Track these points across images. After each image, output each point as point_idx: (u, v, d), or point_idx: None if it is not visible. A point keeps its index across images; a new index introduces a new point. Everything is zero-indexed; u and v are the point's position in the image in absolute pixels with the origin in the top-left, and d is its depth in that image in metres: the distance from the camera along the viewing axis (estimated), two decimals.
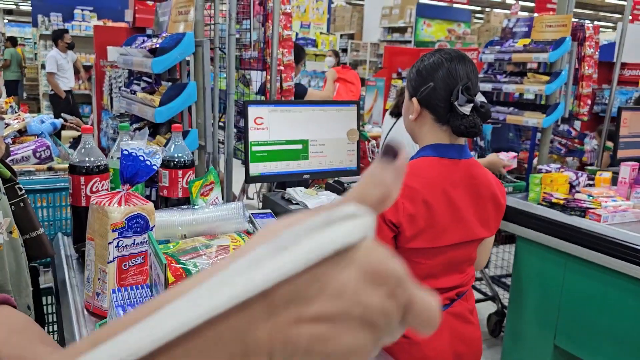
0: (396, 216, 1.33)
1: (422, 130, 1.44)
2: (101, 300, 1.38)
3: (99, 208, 1.34)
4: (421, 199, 1.34)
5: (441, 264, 1.43)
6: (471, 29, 12.27)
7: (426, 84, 1.38)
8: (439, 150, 1.40)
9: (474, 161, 1.46)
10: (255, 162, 2.20)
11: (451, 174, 1.40)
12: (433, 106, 1.38)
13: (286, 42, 2.92)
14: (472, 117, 1.34)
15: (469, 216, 1.42)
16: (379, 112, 5.46)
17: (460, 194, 1.40)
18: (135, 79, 2.66)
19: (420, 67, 1.41)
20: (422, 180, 1.36)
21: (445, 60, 1.37)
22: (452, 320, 1.46)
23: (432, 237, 1.38)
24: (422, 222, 1.35)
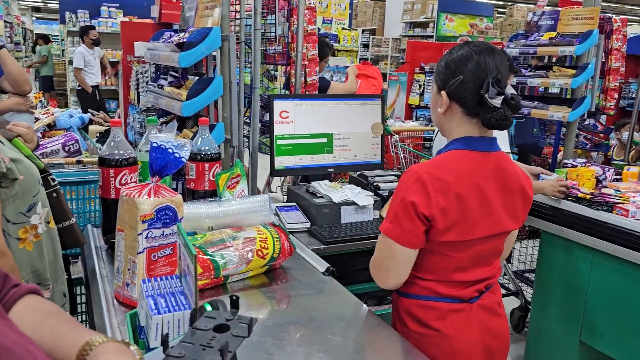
0: (429, 209, 1.33)
1: (451, 123, 1.44)
2: (131, 290, 1.41)
3: (129, 200, 1.37)
4: (453, 192, 1.34)
5: (471, 257, 1.43)
6: (494, 23, 12.11)
7: (455, 77, 1.37)
8: (468, 143, 1.40)
9: (502, 154, 1.46)
10: (281, 156, 2.22)
11: (481, 167, 1.39)
12: (462, 99, 1.38)
13: (310, 37, 2.92)
14: (503, 110, 1.32)
15: (498, 209, 1.42)
16: (402, 107, 5.44)
17: (490, 187, 1.40)
18: (162, 73, 2.70)
19: (448, 60, 1.41)
20: (453, 173, 1.36)
21: (475, 53, 1.36)
22: (481, 312, 1.46)
23: (463, 231, 1.38)
24: (454, 215, 1.35)
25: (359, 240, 2.05)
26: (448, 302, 1.43)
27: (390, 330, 1.44)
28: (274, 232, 1.68)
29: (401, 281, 1.44)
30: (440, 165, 1.38)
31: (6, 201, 1.27)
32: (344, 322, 1.46)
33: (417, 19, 12.30)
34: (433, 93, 1.48)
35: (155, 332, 1.09)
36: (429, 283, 1.44)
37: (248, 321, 0.90)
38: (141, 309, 1.21)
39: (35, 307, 0.96)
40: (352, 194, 2.20)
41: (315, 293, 1.61)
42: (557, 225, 2.57)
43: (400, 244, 1.37)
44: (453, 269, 1.43)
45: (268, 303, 1.56)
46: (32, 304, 0.96)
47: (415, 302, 1.46)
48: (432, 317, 1.43)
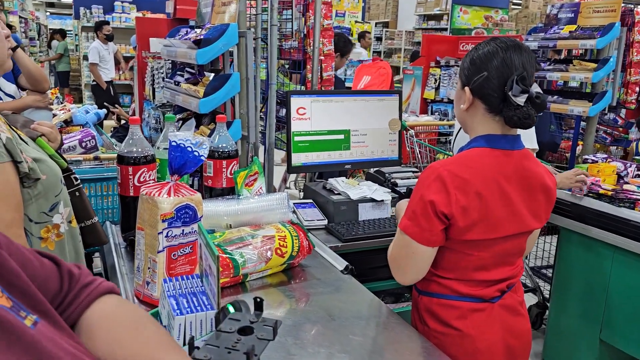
0: (448, 208, 1.31)
1: (473, 120, 1.41)
2: (151, 289, 1.41)
3: (149, 198, 1.36)
4: (474, 191, 1.32)
5: (493, 256, 1.41)
6: (509, 15, 11.96)
7: (480, 74, 1.35)
8: (491, 141, 1.38)
9: (526, 152, 1.43)
10: (298, 152, 2.21)
11: (503, 165, 1.37)
12: (486, 96, 1.35)
13: (326, 32, 2.90)
14: (527, 108, 1.30)
15: (521, 207, 1.39)
16: (417, 101, 5.39)
17: (512, 185, 1.38)
18: (179, 70, 2.69)
19: (474, 56, 1.38)
20: (474, 172, 1.34)
21: (501, 50, 1.33)
22: (502, 312, 1.44)
23: (485, 229, 1.36)
24: (475, 214, 1.33)
25: (377, 238, 2.03)
26: (469, 302, 1.42)
27: (410, 330, 1.43)
28: (293, 231, 1.67)
29: (419, 277, 1.43)
30: (462, 163, 1.36)
31: (29, 201, 1.27)
32: (364, 322, 1.45)
33: (431, 12, 12.20)
34: (457, 89, 1.46)
35: (177, 332, 1.09)
36: (450, 282, 1.43)
37: (273, 324, 0.89)
38: (163, 308, 1.21)
39: (111, 315, 0.83)
40: (370, 190, 2.19)
41: (334, 291, 1.60)
42: (578, 222, 2.53)
43: (418, 242, 1.36)
44: (474, 267, 1.41)
45: (287, 302, 1.56)
46: (107, 310, 0.84)
47: (435, 301, 1.45)
48: (453, 316, 1.42)
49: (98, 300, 0.84)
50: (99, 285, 0.86)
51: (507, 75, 1.31)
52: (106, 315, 0.82)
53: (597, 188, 2.49)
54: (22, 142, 1.28)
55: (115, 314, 0.84)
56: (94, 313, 0.82)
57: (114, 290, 0.88)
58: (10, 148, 1.18)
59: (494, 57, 1.33)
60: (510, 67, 1.31)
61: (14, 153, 1.19)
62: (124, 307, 0.87)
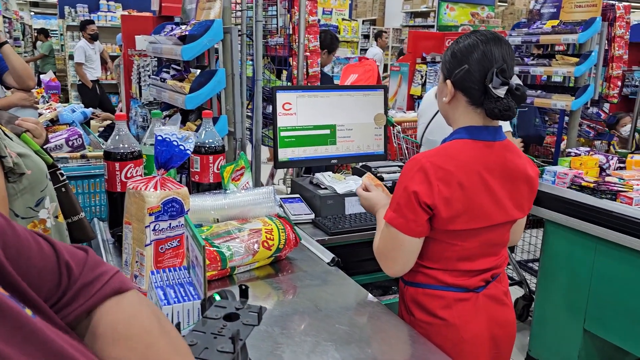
0: (431, 198, 1.33)
1: (455, 112, 1.44)
2: (139, 282, 1.42)
3: (136, 192, 1.37)
4: (456, 182, 1.35)
5: (476, 246, 1.44)
6: (495, 12, 12.04)
7: (461, 66, 1.37)
8: (472, 133, 1.40)
9: (508, 142, 1.46)
10: (284, 148, 2.23)
11: (485, 156, 1.39)
12: (467, 88, 1.38)
13: (311, 28, 2.92)
14: (507, 100, 1.32)
15: (503, 198, 1.42)
16: (403, 98, 5.43)
17: (495, 176, 1.40)
18: (165, 67, 2.70)
19: (455, 49, 1.41)
20: (456, 163, 1.36)
21: (481, 42, 1.36)
22: (487, 302, 1.47)
23: (468, 220, 1.38)
24: (458, 204, 1.35)
25: (363, 231, 2.05)
26: (454, 291, 1.44)
27: (396, 319, 1.45)
28: (279, 224, 1.69)
29: (407, 268, 1.45)
30: (444, 154, 1.39)
31: (14, 196, 1.28)
32: (350, 312, 1.47)
33: (418, 9, 12.27)
34: (439, 82, 1.49)
35: None
36: (435, 272, 1.45)
37: (257, 310, 0.91)
38: (151, 299, 1.23)
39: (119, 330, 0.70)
40: (356, 184, 2.21)
41: (321, 283, 1.62)
42: (561, 214, 2.57)
43: (404, 233, 1.38)
44: (458, 257, 1.44)
45: (274, 293, 1.57)
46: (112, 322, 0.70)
47: (421, 291, 1.47)
48: (438, 306, 1.44)
49: (103, 305, 0.71)
50: (103, 286, 0.71)
51: (487, 67, 1.34)
52: (112, 326, 0.70)
53: (579, 180, 2.53)
54: (6, 138, 1.29)
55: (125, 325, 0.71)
56: (99, 321, 0.70)
57: (124, 288, 0.73)
58: None
59: (474, 50, 1.35)
60: (490, 59, 1.34)
61: None
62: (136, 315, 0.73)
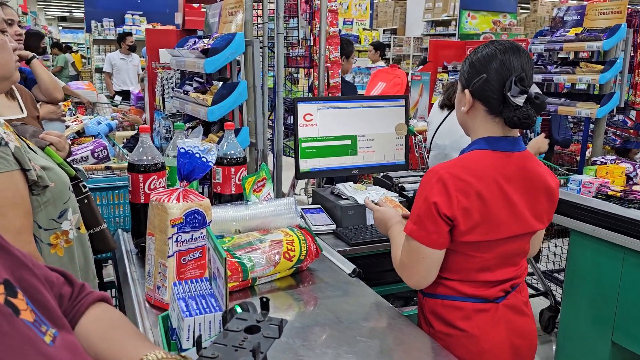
0: (450, 210, 1.32)
1: (474, 122, 1.43)
2: (162, 293, 1.43)
3: (159, 204, 1.39)
4: (475, 192, 1.34)
5: (496, 257, 1.42)
6: (517, 19, 11.95)
7: (479, 76, 1.37)
8: (491, 143, 1.39)
9: (528, 153, 1.44)
10: (305, 158, 2.24)
11: (504, 167, 1.38)
12: (486, 98, 1.37)
13: (332, 39, 2.93)
14: (526, 109, 1.32)
15: (522, 209, 1.40)
16: (425, 107, 5.40)
17: (514, 187, 1.39)
18: (188, 79, 2.74)
19: (473, 59, 1.41)
20: (475, 173, 1.35)
21: (499, 52, 1.36)
22: (507, 312, 1.45)
23: (487, 231, 1.37)
24: (476, 215, 1.34)
25: (384, 242, 2.04)
26: (473, 302, 1.43)
27: (418, 331, 1.44)
28: (301, 235, 1.69)
29: (430, 280, 1.43)
30: (462, 165, 1.38)
31: (38, 208, 1.30)
32: (371, 324, 1.47)
33: (439, 17, 12.22)
34: (457, 92, 1.48)
35: (187, 333, 1.11)
36: (454, 283, 1.44)
37: (278, 322, 0.91)
38: (173, 311, 1.24)
39: (100, 317, 0.97)
40: (377, 195, 2.20)
41: (342, 294, 1.61)
42: (587, 224, 2.52)
43: (425, 245, 1.37)
44: (477, 269, 1.42)
45: (295, 305, 1.57)
46: (98, 314, 0.97)
47: (440, 302, 1.46)
48: (457, 317, 1.43)
49: (94, 306, 0.98)
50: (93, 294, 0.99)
51: (505, 76, 1.33)
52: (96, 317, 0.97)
53: (605, 189, 2.48)
54: (30, 151, 1.32)
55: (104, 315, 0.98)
56: (90, 316, 0.96)
57: (106, 299, 1.01)
58: (19, 156, 1.21)
59: (492, 60, 1.35)
60: (509, 68, 1.33)
61: (22, 161, 1.22)
62: (110, 312, 1.00)
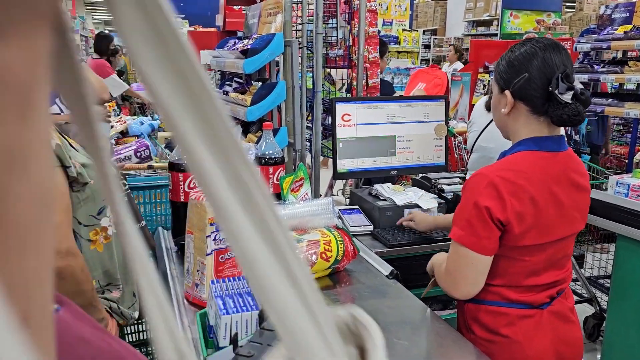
0: (504, 214, 1.29)
1: (516, 123, 1.40)
2: (200, 290, 1.45)
3: (198, 203, 1.41)
4: (527, 196, 1.31)
5: (544, 260, 1.38)
6: (562, 18, 11.63)
7: (520, 75, 1.33)
8: (537, 144, 1.36)
9: (571, 152, 1.42)
10: (343, 159, 2.23)
11: (552, 167, 1.35)
12: (529, 97, 1.34)
13: (371, 39, 2.92)
14: (575, 105, 1.28)
15: (570, 209, 1.37)
16: (465, 108, 5.31)
17: (561, 187, 1.35)
18: (227, 80, 2.77)
19: (510, 58, 1.37)
20: (526, 176, 1.32)
21: (539, 49, 1.32)
22: (552, 319, 1.41)
23: (539, 234, 1.34)
24: (529, 219, 1.31)
25: (422, 244, 2.02)
26: (517, 308, 1.39)
27: (457, 336, 1.41)
28: (338, 235, 1.69)
29: (477, 290, 1.38)
30: (511, 167, 1.34)
31: (77, 204, 1.34)
32: (409, 326, 1.44)
33: (481, 17, 12.02)
34: (494, 94, 1.45)
35: (224, 331, 1.12)
36: (499, 289, 1.40)
37: None
38: (210, 309, 1.25)
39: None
40: (416, 196, 2.18)
41: (380, 296, 1.60)
42: (635, 229, 2.43)
43: (475, 251, 1.32)
44: (526, 273, 1.39)
45: (332, 306, 1.56)
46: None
47: (483, 308, 1.42)
48: (501, 323, 1.39)
49: None
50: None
51: (549, 74, 1.30)
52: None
53: None
54: (71, 149, 1.35)
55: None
56: None
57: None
58: (59, 154, 1.25)
59: (533, 58, 1.32)
60: (551, 66, 1.30)
61: (63, 158, 1.25)
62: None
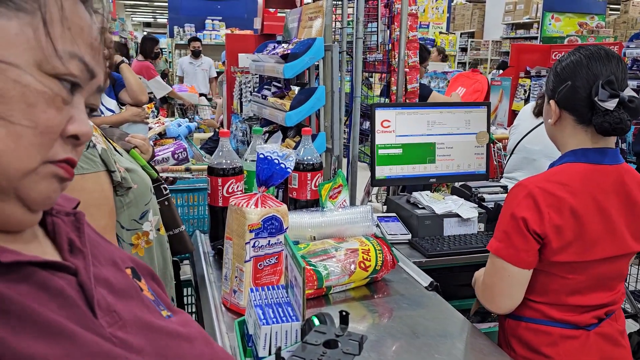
0: (541, 227, 1.25)
1: (563, 134, 1.36)
2: (238, 297, 1.44)
3: (237, 209, 1.40)
4: (568, 209, 1.25)
5: (589, 279, 1.32)
6: (606, 21, 11.31)
7: (564, 84, 1.31)
8: (584, 155, 1.31)
9: (627, 166, 1.34)
10: (382, 165, 2.20)
11: (600, 181, 1.29)
12: (573, 106, 1.30)
13: (411, 44, 2.88)
14: (618, 113, 1.23)
15: (620, 227, 1.30)
16: (505, 113, 5.21)
17: (611, 203, 1.29)
18: (266, 84, 2.77)
19: (558, 68, 1.35)
20: (568, 188, 1.27)
21: (584, 57, 1.29)
22: (599, 341, 1.34)
23: (581, 250, 1.28)
24: (570, 233, 1.26)
25: (462, 255, 1.97)
26: (561, 327, 1.33)
27: (500, 353, 1.36)
28: (377, 244, 1.66)
29: (515, 304, 1.35)
30: (553, 179, 1.30)
31: (121, 209, 1.34)
32: (450, 341, 1.40)
33: (520, 20, 11.80)
34: (545, 104, 1.42)
35: (263, 342, 1.11)
36: (541, 306, 1.35)
37: (359, 339, 0.88)
38: (249, 317, 1.24)
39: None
40: (455, 205, 2.13)
41: (418, 308, 1.56)
42: None
43: (512, 264, 1.29)
44: (568, 292, 1.33)
45: (370, 316, 1.54)
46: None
47: (524, 325, 1.38)
48: (543, 342, 1.34)
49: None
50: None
51: (592, 82, 1.26)
52: None
53: None
54: (116, 153, 1.36)
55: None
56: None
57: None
58: (105, 158, 1.25)
59: (577, 66, 1.29)
60: (595, 73, 1.26)
61: (108, 163, 1.26)
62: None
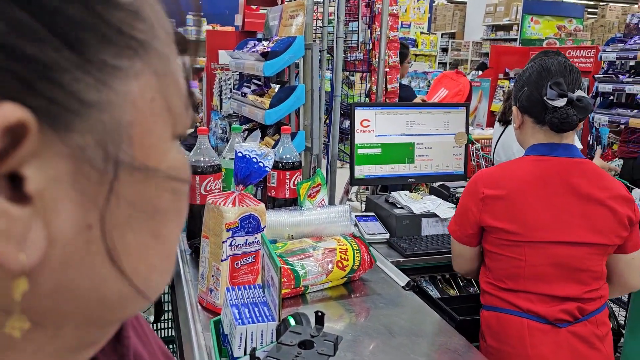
0: (475, 200, 1.49)
1: (525, 136, 1.51)
2: (214, 296, 1.43)
3: (215, 208, 1.39)
4: (506, 188, 1.44)
5: (547, 264, 1.40)
6: (584, 24, 11.48)
7: (522, 90, 1.46)
8: (534, 149, 1.47)
9: (580, 161, 1.45)
10: (361, 165, 2.20)
11: (544, 170, 1.43)
12: (530, 109, 1.45)
13: (392, 44, 2.88)
14: (565, 109, 1.36)
15: (571, 216, 1.40)
16: (484, 114, 5.26)
17: (557, 192, 1.40)
18: (246, 81, 2.75)
19: (518, 77, 1.51)
20: (508, 173, 1.47)
21: (538, 65, 1.44)
22: (573, 341, 1.37)
23: (522, 229, 1.40)
24: (502, 206, 1.44)
25: (440, 254, 1.98)
26: (529, 319, 1.39)
27: (476, 353, 1.38)
28: (355, 244, 1.66)
29: (471, 270, 1.62)
30: (499, 167, 1.55)
31: None
32: (426, 340, 1.41)
33: (500, 22, 11.93)
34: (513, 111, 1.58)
35: (239, 341, 1.10)
36: (508, 294, 1.43)
37: (334, 339, 0.88)
38: (225, 317, 1.23)
39: None
40: (433, 205, 2.14)
41: (395, 307, 1.57)
42: None
43: (460, 242, 1.57)
44: (528, 276, 1.40)
45: (347, 316, 1.54)
46: None
47: (494, 315, 1.46)
48: (513, 334, 1.40)
49: None
50: None
51: (543, 85, 1.40)
52: None
53: None
54: None
55: None
56: None
57: None
58: None
59: (531, 72, 1.45)
60: (545, 77, 1.40)
61: None
62: None
